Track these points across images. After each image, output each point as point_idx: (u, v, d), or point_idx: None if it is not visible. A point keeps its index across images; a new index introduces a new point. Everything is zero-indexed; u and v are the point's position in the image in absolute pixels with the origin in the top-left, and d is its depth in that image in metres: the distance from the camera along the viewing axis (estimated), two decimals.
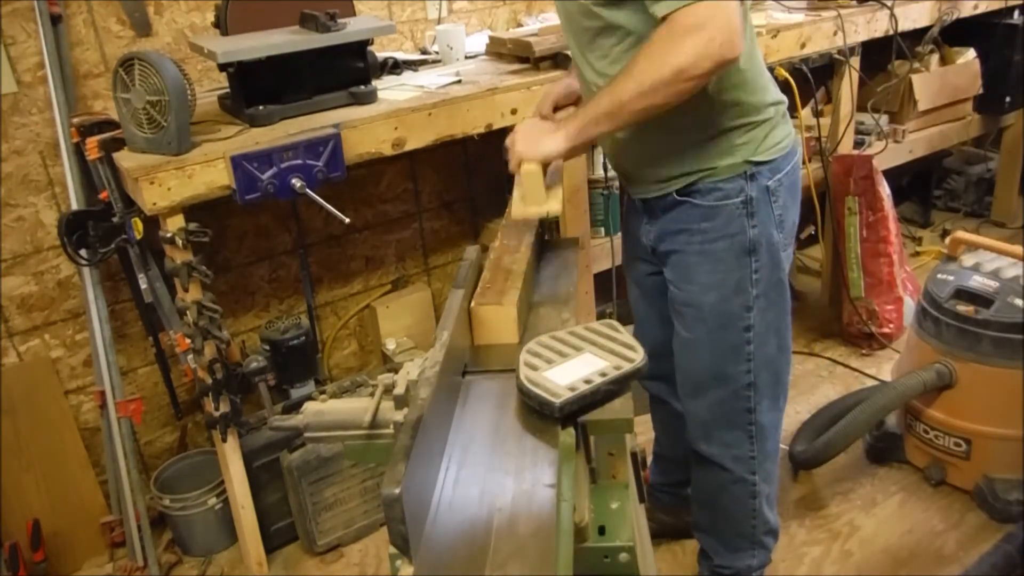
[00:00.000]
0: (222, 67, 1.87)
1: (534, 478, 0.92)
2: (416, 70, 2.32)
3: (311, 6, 1.93)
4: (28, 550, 2.13)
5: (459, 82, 2.14)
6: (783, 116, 1.55)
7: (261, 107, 1.90)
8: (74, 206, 2.03)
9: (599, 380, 1.04)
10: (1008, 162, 3.56)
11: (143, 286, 2.03)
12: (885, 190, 2.80)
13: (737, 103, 1.47)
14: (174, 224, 1.77)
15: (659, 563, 2.09)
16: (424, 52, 2.51)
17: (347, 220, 1.92)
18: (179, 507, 2.23)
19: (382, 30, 2.05)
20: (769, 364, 1.63)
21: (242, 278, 2.45)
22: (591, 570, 0.98)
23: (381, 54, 2.29)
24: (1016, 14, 3.11)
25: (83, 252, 2.02)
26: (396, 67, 2.28)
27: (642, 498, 1.37)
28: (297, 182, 1.81)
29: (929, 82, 3.04)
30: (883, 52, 2.84)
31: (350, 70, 2.00)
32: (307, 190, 1.82)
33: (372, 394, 1.12)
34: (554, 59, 2.21)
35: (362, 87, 2.01)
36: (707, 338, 1.60)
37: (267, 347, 2.31)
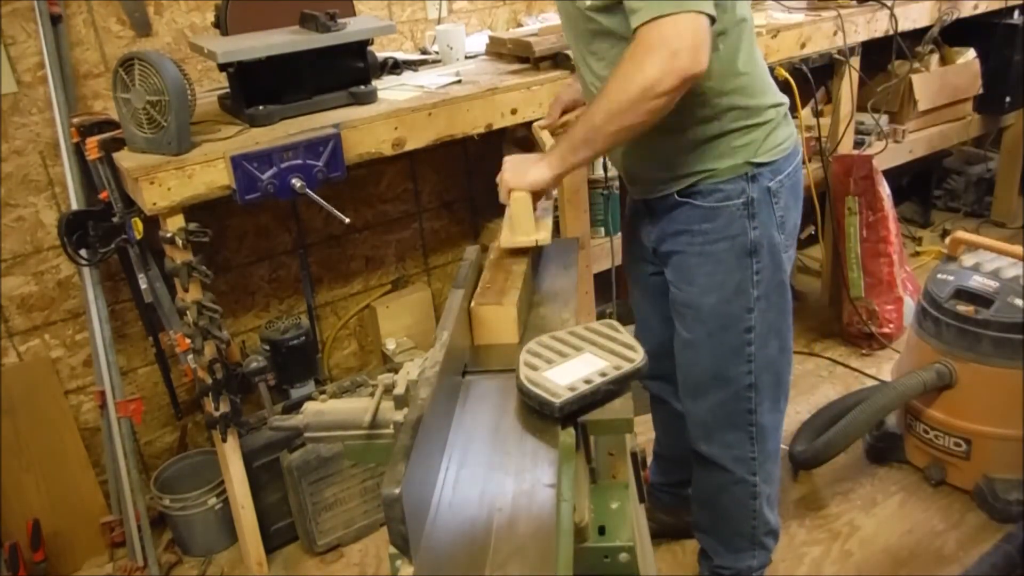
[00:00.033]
0: (222, 67, 1.87)
1: (534, 478, 0.92)
2: (416, 70, 2.32)
3: (311, 6, 1.93)
4: (28, 550, 2.13)
5: (459, 82, 2.14)
6: (784, 117, 1.55)
7: (261, 107, 1.90)
8: (74, 206, 2.03)
9: (599, 380, 1.04)
10: (1008, 162, 3.56)
11: (143, 286, 2.03)
12: (885, 190, 2.80)
13: (738, 106, 1.47)
14: (174, 224, 1.77)
15: (659, 563, 2.09)
16: (424, 52, 2.51)
17: (347, 220, 1.92)
18: (179, 507, 2.23)
19: (382, 30, 2.05)
20: (770, 365, 1.63)
21: (242, 278, 2.45)
22: (591, 570, 0.98)
23: (381, 54, 2.29)
24: (1016, 14, 3.11)
25: (83, 252, 2.02)
26: (396, 67, 2.28)
27: (642, 498, 1.37)
28: (297, 182, 1.81)
29: (929, 82, 3.04)
30: (883, 52, 2.83)
31: (350, 70, 2.00)
32: (307, 190, 1.82)
33: (372, 394, 1.12)
34: (554, 59, 2.21)
35: (362, 87, 2.01)
36: (708, 339, 1.60)
37: (267, 347, 2.31)
